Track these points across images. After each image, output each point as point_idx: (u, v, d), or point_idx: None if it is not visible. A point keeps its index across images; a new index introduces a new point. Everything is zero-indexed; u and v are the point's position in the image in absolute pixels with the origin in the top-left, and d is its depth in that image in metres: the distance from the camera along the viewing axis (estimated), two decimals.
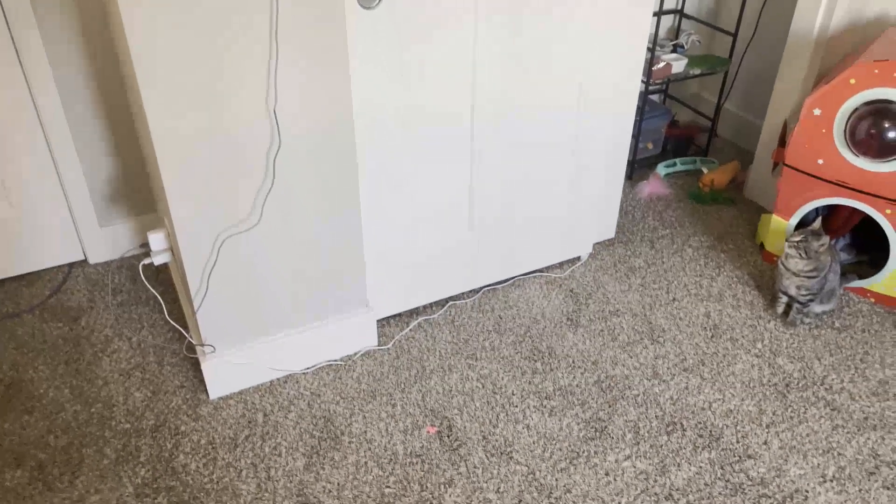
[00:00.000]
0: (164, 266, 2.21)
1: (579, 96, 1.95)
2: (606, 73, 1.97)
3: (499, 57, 1.76)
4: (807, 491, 1.59)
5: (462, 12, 1.65)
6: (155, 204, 2.26)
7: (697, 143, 2.92)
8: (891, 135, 1.88)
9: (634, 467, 1.64)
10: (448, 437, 1.72)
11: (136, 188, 2.23)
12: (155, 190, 1.98)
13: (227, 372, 1.78)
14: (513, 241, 2.11)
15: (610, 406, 1.80)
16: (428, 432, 1.71)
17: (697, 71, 2.62)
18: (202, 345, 1.73)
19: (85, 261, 2.27)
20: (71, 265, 2.26)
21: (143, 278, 1.88)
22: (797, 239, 1.94)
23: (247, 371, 1.81)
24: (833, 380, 1.87)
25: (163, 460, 1.65)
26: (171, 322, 1.97)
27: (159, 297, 1.93)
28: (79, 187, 2.13)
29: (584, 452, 1.68)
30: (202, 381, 1.83)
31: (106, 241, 2.25)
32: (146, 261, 1.77)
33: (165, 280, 2.18)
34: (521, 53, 1.79)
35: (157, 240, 1.76)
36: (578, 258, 2.33)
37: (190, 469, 1.63)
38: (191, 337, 1.83)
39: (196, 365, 1.88)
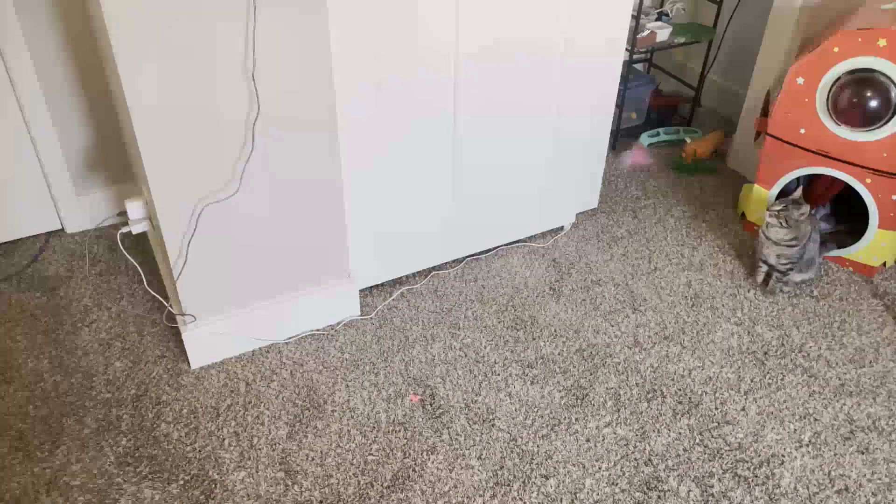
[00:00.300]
0: (143, 235, 2.19)
1: (563, 64, 1.93)
2: (590, 41, 1.95)
3: (482, 25, 1.73)
4: (783, 455, 1.62)
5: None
6: (133, 172, 2.22)
7: (681, 112, 2.91)
8: (873, 104, 1.89)
9: (615, 433, 1.66)
10: (431, 405, 1.73)
11: (113, 156, 2.19)
12: (132, 158, 1.95)
13: (208, 341, 1.77)
14: (496, 210, 2.10)
15: (591, 374, 1.81)
16: (411, 401, 1.71)
17: (682, 40, 2.61)
18: (182, 314, 1.71)
19: (62, 230, 2.24)
20: (48, 235, 2.23)
21: (122, 248, 1.85)
22: (778, 208, 1.95)
23: (228, 341, 1.80)
24: (811, 347, 1.89)
25: (144, 430, 1.65)
26: (151, 292, 1.96)
27: (138, 267, 1.91)
28: (54, 156, 2.09)
29: (565, 419, 1.69)
30: (183, 351, 1.82)
31: (83, 211, 2.21)
32: (124, 230, 1.74)
33: (145, 249, 2.15)
34: (503, 21, 1.76)
35: (134, 208, 1.74)
36: (561, 228, 2.33)
37: (172, 438, 1.63)
38: (171, 307, 1.81)
39: (177, 335, 1.87)
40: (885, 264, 2.13)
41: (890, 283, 2.11)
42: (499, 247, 2.23)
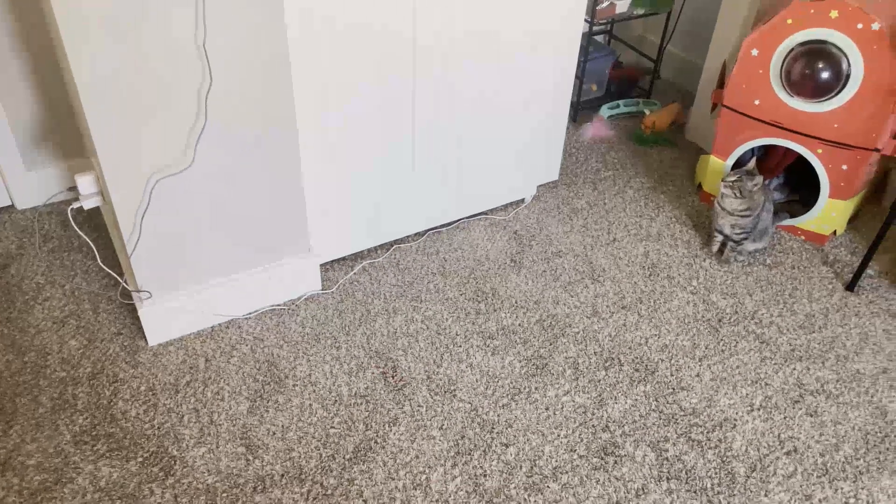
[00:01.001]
0: (97, 210, 2.14)
1: (522, 35, 1.92)
2: (550, 12, 1.94)
3: None
4: (735, 419, 1.67)
5: None
6: (84, 146, 2.17)
7: (641, 85, 2.93)
8: (824, 75, 1.92)
9: (573, 401, 1.69)
10: (393, 377, 1.73)
11: (63, 130, 2.13)
12: (82, 131, 1.90)
13: (165, 318, 1.75)
14: (457, 183, 2.10)
15: (551, 344, 1.84)
16: (383, 373, 1.70)
17: (641, 11, 2.61)
18: (138, 291, 1.69)
19: (12, 206, 2.18)
20: None
21: (74, 223, 1.81)
22: (732, 179, 1.99)
23: (186, 317, 1.78)
24: (763, 314, 1.94)
25: (101, 408, 1.63)
26: (105, 268, 1.92)
27: (91, 244, 1.87)
28: (2, 130, 2.02)
29: (525, 389, 1.72)
30: (140, 328, 1.80)
31: (33, 186, 2.15)
32: (75, 205, 1.70)
33: (98, 225, 2.10)
34: None
35: (85, 183, 1.69)
36: (523, 200, 2.34)
37: (130, 415, 1.61)
38: (126, 283, 1.78)
39: (133, 312, 1.84)
40: (835, 233, 2.19)
41: (839, 251, 2.17)
42: (460, 219, 2.23)
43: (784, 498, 1.50)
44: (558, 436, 1.61)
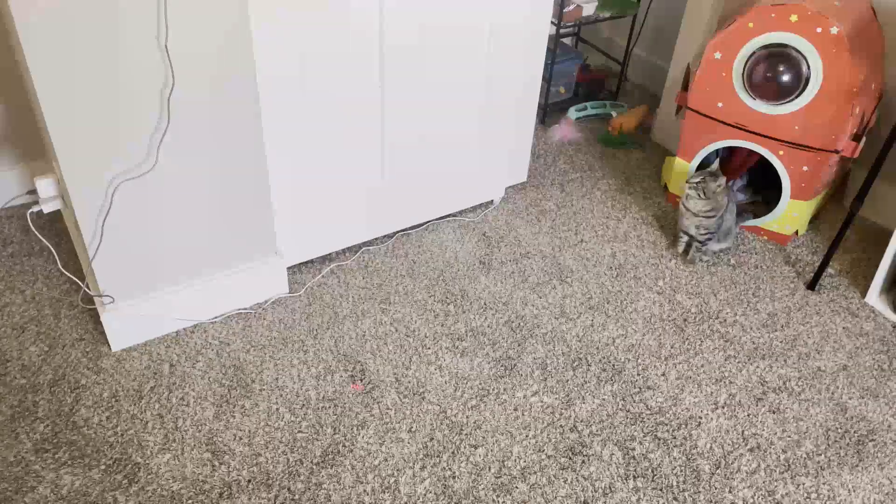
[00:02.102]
0: (57, 214, 2.09)
1: (489, 36, 1.93)
2: (516, 15, 1.95)
3: None
4: (700, 417, 1.69)
5: None
6: (43, 148, 2.12)
7: (608, 87, 2.96)
8: (785, 78, 1.96)
9: (542, 402, 1.70)
10: (361, 380, 1.73)
11: (22, 131, 2.08)
12: (42, 132, 1.86)
13: (128, 323, 1.72)
14: (425, 185, 2.10)
15: (519, 345, 1.85)
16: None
17: (607, 14, 2.64)
18: (100, 295, 1.66)
19: None
20: None
21: (34, 227, 1.77)
22: (696, 180, 2.02)
23: (150, 322, 1.76)
24: (727, 314, 1.97)
25: (63, 415, 1.59)
26: (66, 273, 1.88)
27: (52, 248, 1.83)
28: None
29: (493, 390, 1.72)
30: (103, 334, 1.76)
31: None
32: (35, 208, 1.67)
33: (59, 229, 2.06)
34: None
35: (45, 186, 1.66)
36: (491, 202, 2.34)
37: (92, 423, 1.58)
38: (87, 288, 1.75)
39: (96, 317, 1.81)
40: (797, 233, 2.23)
41: (801, 250, 2.21)
42: (429, 221, 2.23)
43: (748, 494, 1.53)
44: (527, 436, 1.62)
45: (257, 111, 1.62)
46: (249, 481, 1.50)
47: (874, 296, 2.01)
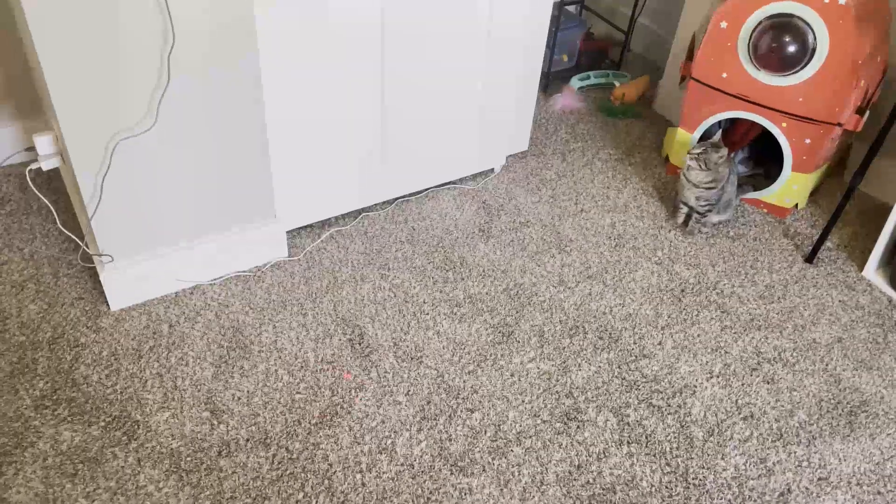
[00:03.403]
0: (56, 172, 2.08)
1: (492, 3, 1.90)
2: None
3: None
4: (695, 386, 1.70)
5: None
6: (41, 106, 2.10)
7: (611, 56, 2.93)
8: (790, 49, 1.94)
9: (538, 368, 1.71)
10: (359, 344, 1.73)
11: (19, 89, 2.06)
12: (40, 90, 1.84)
13: (128, 283, 1.72)
14: (426, 151, 2.09)
15: (517, 312, 1.85)
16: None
17: None
18: (99, 255, 1.66)
19: None
20: None
21: (32, 185, 1.76)
22: (698, 151, 2.01)
23: (149, 282, 1.76)
24: (724, 285, 1.98)
25: (62, 372, 1.60)
26: (66, 231, 1.88)
27: (51, 206, 1.82)
28: None
29: (491, 356, 1.73)
30: (102, 293, 1.77)
31: None
32: (33, 166, 1.66)
33: (57, 188, 2.05)
34: None
35: (44, 143, 1.65)
36: (492, 170, 2.34)
37: (92, 380, 1.59)
38: (86, 246, 1.75)
39: (94, 276, 1.81)
40: (796, 206, 2.23)
41: (800, 224, 2.21)
42: (429, 189, 2.23)
43: (739, 461, 1.55)
44: (523, 401, 1.64)
45: (257, 70, 1.60)
46: (248, 440, 1.51)
47: (871, 270, 2.02)
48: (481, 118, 2.13)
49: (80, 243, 1.77)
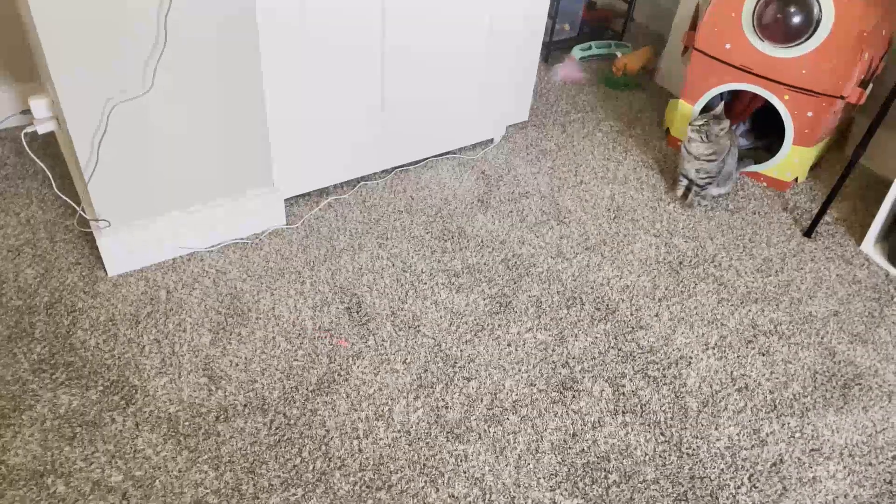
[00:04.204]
0: (52, 137, 2.07)
1: None
2: None
3: None
4: (690, 357, 1.71)
5: None
6: (36, 69, 2.08)
7: (614, 27, 2.90)
8: (795, 20, 1.92)
9: (535, 338, 1.72)
10: (357, 312, 1.74)
11: (14, 52, 2.03)
12: (35, 52, 1.82)
13: (125, 248, 1.72)
14: (425, 121, 2.07)
15: (515, 283, 1.86)
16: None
17: None
18: (96, 220, 1.65)
19: None
20: None
21: (28, 149, 1.74)
22: (699, 123, 2.00)
23: (147, 248, 1.75)
24: (722, 258, 1.98)
25: (60, 337, 1.60)
26: (62, 196, 1.87)
27: (47, 170, 1.81)
28: None
29: (488, 325, 1.74)
30: (99, 258, 1.76)
31: None
32: (29, 129, 1.64)
33: (54, 152, 2.04)
34: None
35: (40, 106, 1.63)
36: (491, 140, 2.32)
37: (89, 345, 1.60)
38: (83, 211, 1.74)
39: (92, 241, 1.80)
40: (796, 180, 2.23)
41: (800, 197, 2.21)
42: (428, 158, 2.21)
43: (733, 431, 1.56)
44: (519, 371, 1.64)
45: (255, 34, 1.58)
46: (245, 406, 1.52)
47: (869, 244, 2.02)
48: (481, 87, 2.11)
49: (77, 208, 1.76)
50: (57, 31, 1.35)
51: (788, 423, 1.59)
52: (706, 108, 2.22)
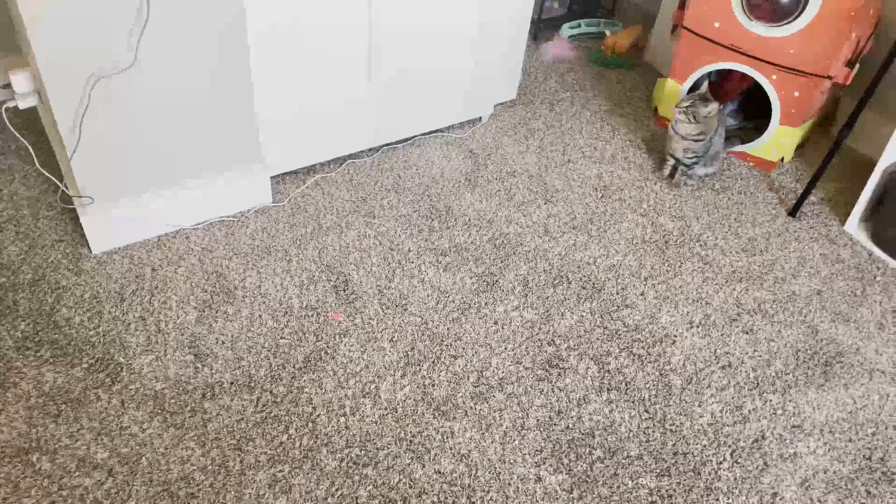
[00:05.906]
0: (35, 112, 2.03)
1: None
2: None
3: None
4: (675, 335, 1.73)
5: None
6: (17, 42, 2.04)
7: (604, 4, 2.88)
8: None
9: (522, 317, 1.73)
10: (344, 290, 1.74)
11: None
12: (17, 25, 1.78)
13: (109, 226, 1.70)
14: (413, 99, 2.06)
15: (502, 262, 1.86)
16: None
17: None
18: (79, 196, 1.63)
19: None
20: None
21: (10, 125, 1.72)
22: (686, 104, 1.99)
23: (131, 225, 1.74)
24: (708, 237, 1.99)
25: (44, 314, 1.59)
26: (45, 172, 1.84)
27: (29, 146, 1.78)
28: None
29: (475, 304, 1.74)
30: (83, 236, 1.75)
31: None
32: (10, 104, 1.61)
33: (36, 128, 2.01)
34: None
35: (21, 80, 1.60)
36: (479, 119, 2.31)
37: (74, 322, 1.59)
38: (65, 188, 1.72)
39: (75, 219, 1.79)
40: (783, 160, 2.23)
41: (785, 177, 2.22)
42: (416, 136, 2.20)
43: (716, 408, 1.58)
44: (505, 349, 1.65)
45: (241, 10, 1.56)
46: (232, 383, 1.52)
47: (853, 224, 2.04)
48: (469, 66, 2.10)
49: (60, 185, 1.74)
50: (39, 5, 1.33)
51: (770, 401, 1.61)
52: (694, 88, 2.21)
